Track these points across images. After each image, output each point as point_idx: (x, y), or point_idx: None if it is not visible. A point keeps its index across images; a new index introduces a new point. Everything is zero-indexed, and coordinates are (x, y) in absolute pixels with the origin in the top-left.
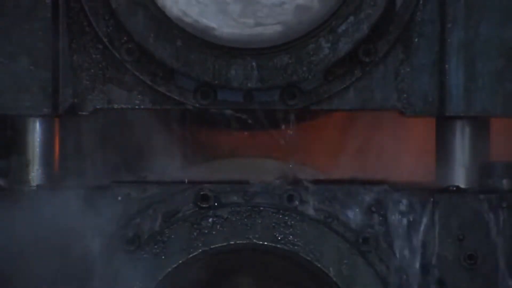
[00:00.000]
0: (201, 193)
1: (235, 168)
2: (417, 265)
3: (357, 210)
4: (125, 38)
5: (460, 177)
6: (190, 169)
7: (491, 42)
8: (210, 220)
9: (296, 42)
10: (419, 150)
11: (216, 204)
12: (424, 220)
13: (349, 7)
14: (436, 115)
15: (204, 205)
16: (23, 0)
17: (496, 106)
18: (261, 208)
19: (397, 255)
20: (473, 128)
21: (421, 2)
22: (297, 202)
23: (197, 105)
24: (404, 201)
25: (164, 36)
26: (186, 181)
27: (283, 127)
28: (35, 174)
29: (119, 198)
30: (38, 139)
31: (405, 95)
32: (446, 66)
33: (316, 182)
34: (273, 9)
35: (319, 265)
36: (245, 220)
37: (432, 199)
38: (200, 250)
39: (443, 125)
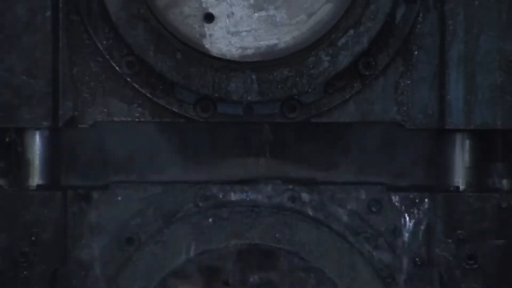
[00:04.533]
0: (201, 193)
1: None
2: (417, 265)
3: (357, 210)
4: (125, 51)
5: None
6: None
7: (490, 55)
8: (210, 220)
9: (296, 55)
10: None
11: (216, 204)
12: (424, 220)
13: (349, 21)
14: (436, 128)
15: (204, 205)
16: (23, 12)
17: (496, 119)
18: (261, 208)
19: (397, 255)
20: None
21: (420, 15)
22: (297, 202)
23: (197, 118)
24: (404, 201)
25: (164, 49)
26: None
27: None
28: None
29: (119, 198)
30: (38, 152)
31: (405, 108)
32: (446, 79)
33: (316, 182)
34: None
35: (319, 265)
36: (245, 220)
37: (432, 199)
38: (200, 250)
39: (443, 138)
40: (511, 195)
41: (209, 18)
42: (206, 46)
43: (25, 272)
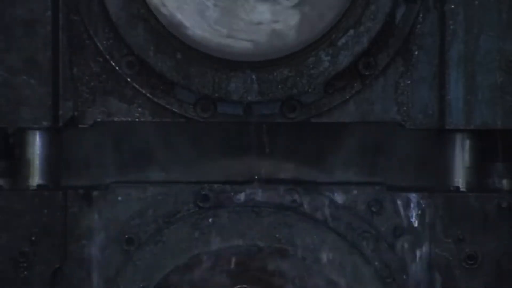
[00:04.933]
0: (201, 193)
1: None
2: (417, 265)
3: (357, 210)
4: (125, 51)
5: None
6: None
7: (490, 55)
8: (210, 220)
9: (296, 55)
10: None
11: (216, 204)
12: (424, 220)
13: (349, 21)
14: (436, 127)
15: (204, 205)
16: (23, 13)
17: (496, 119)
18: (261, 208)
19: (397, 255)
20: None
21: (421, 15)
22: (297, 202)
23: (197, 118)
24: (404, 201)
25: (164, 49)
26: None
27: None
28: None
29: (119, 198)
30: (38, 152)
31: (405, 108)
32: (446, 79)
33: (316, 182)
34: (248, 26)
35: (319, 265)
36: (245, 220)
37: (432, 199)
38: (200, 250)
39: (443, 138)
40: (511, 195)
41: None
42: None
43: (25, 272)
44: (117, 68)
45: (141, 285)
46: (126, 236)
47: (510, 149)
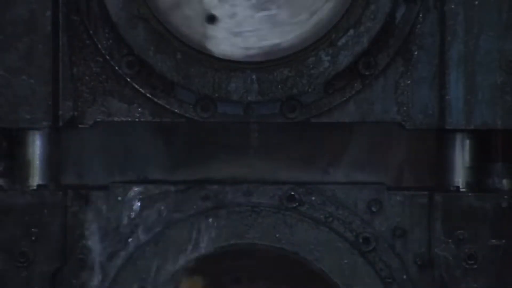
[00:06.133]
0: (201, 193)
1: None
2: (417, 265)
3: (357, 209)
4: (125, 51)
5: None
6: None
7: (490, 55)
8: (210, 220)
9: (296, 55)
10: None
11: (216, 204)
12: (424, 220)
13: (349, 21)
14: (436, 128)
15: (204, 205)
16: (23, 13)
17: (496, 119)
18: (261, 208)
19: (397, 255)
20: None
21: (421, 15)
22: (297, 202)
23: (197, 118)
24: (404, 201)
25: (164, 49)
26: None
27: None
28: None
29: (119, 198)
30: (38, 152)
31: (405, 108)
32: (446, 79)
33: (316, 182)
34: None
35: (319, 265)
36: (245, 220)
37: (432, 199)
38: (200, 251)
39: (443, 138)
40: (511, 195)
41: (211, 19)
42: (210, 47)
43: (25, 272)
44: (117, 68)
45: (141, 285)
46: (126, 236)
47: (510, 149)
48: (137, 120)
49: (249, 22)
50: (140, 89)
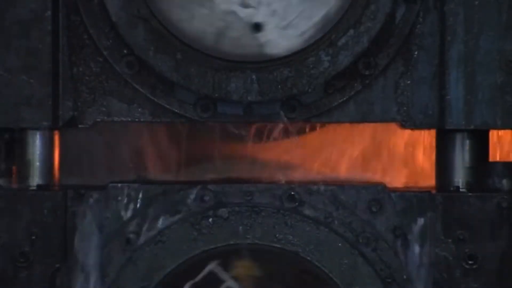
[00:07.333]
0: (201, 193)
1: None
2: (417, 265)
3: (357, 210)
4: (125, 51)
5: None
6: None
7: (491, 55)
8: (210, 220)
9: (296, 55)
10: None
11: (216, 204)
12: (424, 220)
13: (349, 21)
14: (436, 127)
15: (204, 205)
16: (23, 13)
17: (496, 119)
18: (261, 208)
19: (397, 255)
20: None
21: (421, 15)
22: (297, 202)
23: (197, 118)
24: (404, 201)
25: (164, 49)
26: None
27: None
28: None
29: (119, 198)
30: (38, 152)
31: (405, 108)
32: (446, 79)
33: (316, 182)
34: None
35: (319, 265)
36: (245, 220)
37: (432, 199)
38: (200, 251)
39: (443, 138)
40: (511, 195)
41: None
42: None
43: (25, 272)
44: (117, 68)
45: (141, 285)
46: (126, 236)
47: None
48: (137, 120)
49: (289, 10)
50: (140, 89)
